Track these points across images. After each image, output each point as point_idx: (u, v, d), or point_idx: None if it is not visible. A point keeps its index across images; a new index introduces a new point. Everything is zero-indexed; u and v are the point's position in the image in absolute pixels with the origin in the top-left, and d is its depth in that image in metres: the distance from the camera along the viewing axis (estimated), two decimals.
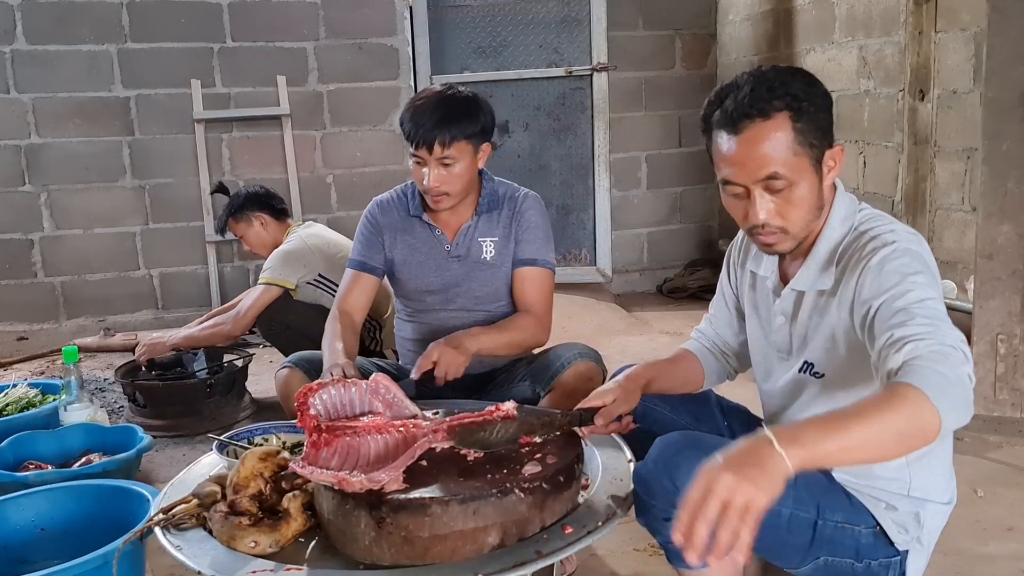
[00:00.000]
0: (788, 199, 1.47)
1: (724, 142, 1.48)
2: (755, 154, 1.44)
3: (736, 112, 1.45)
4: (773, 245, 1.54)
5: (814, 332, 1.58)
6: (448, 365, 2.06)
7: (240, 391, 3.47)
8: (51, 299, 4.73)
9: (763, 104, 1.44)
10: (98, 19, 4.56)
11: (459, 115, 2.14)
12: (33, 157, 4.60)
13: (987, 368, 2.94)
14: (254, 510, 1.50)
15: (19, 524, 2.02)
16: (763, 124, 1.44)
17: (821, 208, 1.53)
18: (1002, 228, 2.88)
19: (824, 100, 1.50)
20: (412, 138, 2.15)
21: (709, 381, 1.90)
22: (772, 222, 1.49)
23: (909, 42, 3.77)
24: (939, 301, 1.35)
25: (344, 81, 4.93)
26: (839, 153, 1.52)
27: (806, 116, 1.45)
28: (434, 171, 2.16)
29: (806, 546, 1.51)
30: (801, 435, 1.16)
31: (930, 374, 1.20)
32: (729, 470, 1.11)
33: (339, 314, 2.31)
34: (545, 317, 2.31)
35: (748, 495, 1.09)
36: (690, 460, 1.41)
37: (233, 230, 3.57)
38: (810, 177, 1.47)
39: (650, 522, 1.51)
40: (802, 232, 1.53)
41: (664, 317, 4.89)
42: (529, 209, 2.32)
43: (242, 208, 3.52)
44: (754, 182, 1.46)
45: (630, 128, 5.37)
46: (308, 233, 3.44)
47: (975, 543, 2.21)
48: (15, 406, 2.95)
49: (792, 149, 1.44)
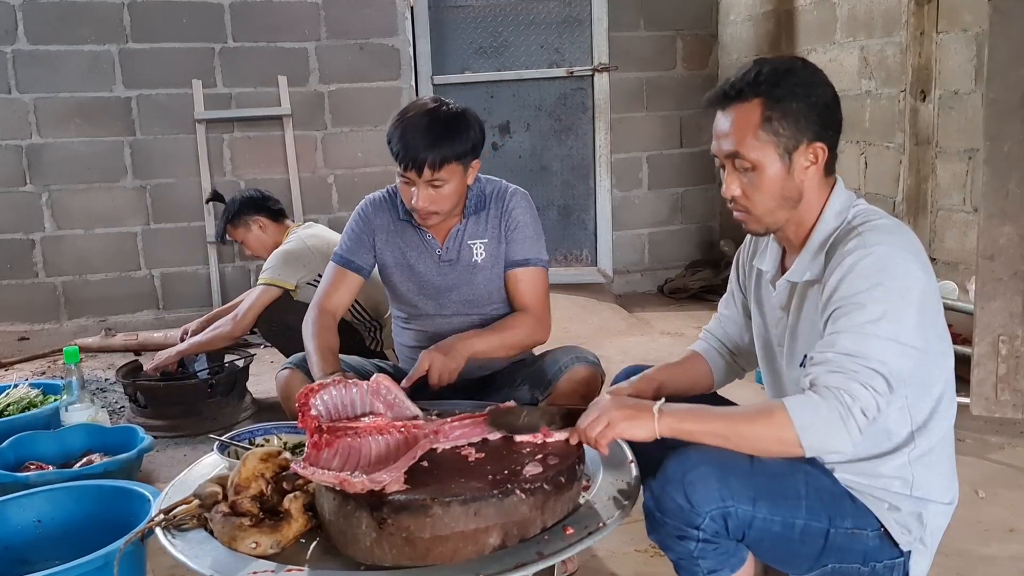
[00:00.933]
0: (753, 182, 1.55)
1: (715, 116, 1.60)
2: (724, 131, 1.56)
3: (722, 91, 1.57)
4: (744, 223, 1.63)
5: (806, 322, 1.61)
6: (440, 372, 2.05)
7: (241, 391, 3.47)
8: (52, 299, 4.73)
9: (744, 87, 1.53)
10: (99, 19, 4.56)
11: (449, 136, 2.07)
12: (34, 157, 4.60)
13: (988, 369, 2.93)
14: (255, 511, 1.50)
15: (20, 524, 2.02)
16: (738, 106, 1.54)
17: (794, 200, 1.57)
18: (1003, 229, 2.87)
19: (807, 94, 1.53)
20: (401, 160, 2.08)
21: (718, 381, 1.92)
22: (739, 200, 1.58)
23: (910, 43, 3.77)
24: (889, 320, 1.42)
25: (345, 81, 4.93)
26: (819, 149, 1.55)
27: (780, 105, 1.51)
28: (423, 192, 2.10)
29: (816, 555, 1.53)
30: (678, 411, 1.50)
31: (805, 407, 1.42)
32: (614, 402, 1.54)
33: (319, 313, 2.26)
34: (543, 315, 2.28)
35: (612, 421, 1.51)
36: (706, 478, 1.43)
37: (233, 236, 3.57)
38: (775, 165, 1.54)
39: (663, 539, 1.51)
40: (767, 217, 1.58)
41: (665, 318, 4.89)
42: (516, 208, 2.27)
43: (239, 213, 3.51)
44: (723, 157, 1.58)
45: (631, 128, 5.37)
46: (308, 234, 3.43)
47: (977, 544, 2.21)
48: (16, 406, 2.95)
49: (755, 133, 1.52)
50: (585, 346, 2.28)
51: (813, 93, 1.53)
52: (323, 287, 2.33)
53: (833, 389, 1.40)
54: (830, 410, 1.40)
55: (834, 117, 1.57)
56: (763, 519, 1.47)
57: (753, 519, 1.46)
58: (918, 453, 1.54)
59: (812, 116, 1.53)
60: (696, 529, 1.45)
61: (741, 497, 1.45)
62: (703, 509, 1.44)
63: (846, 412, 1.39)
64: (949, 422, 1.59)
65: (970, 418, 2.88)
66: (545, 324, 2.28)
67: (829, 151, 1.56)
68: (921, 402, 1.54)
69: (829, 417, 1.40)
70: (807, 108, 1.52)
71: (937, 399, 1.56)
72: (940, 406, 1.56)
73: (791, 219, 1.60)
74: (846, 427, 1.39)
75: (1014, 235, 2.87)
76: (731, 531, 1.46)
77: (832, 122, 1.56)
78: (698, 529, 1.45)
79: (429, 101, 2.14)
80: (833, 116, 1.56)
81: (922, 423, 1.54)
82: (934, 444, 1.56)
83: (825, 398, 1.41)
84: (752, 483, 1.47)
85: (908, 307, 1.44)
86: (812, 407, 1.41)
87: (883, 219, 1.54)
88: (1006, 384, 2.94)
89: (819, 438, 1.41)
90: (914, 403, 1.53)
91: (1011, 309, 2.90)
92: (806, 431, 1.40)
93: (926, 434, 1.55)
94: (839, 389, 1.40)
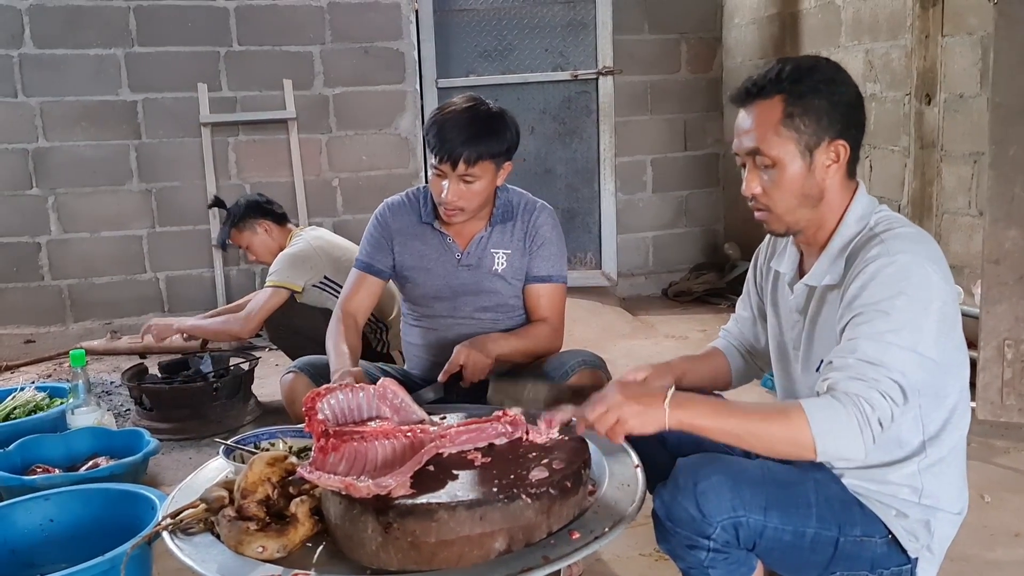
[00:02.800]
0: (775, 180, 1.54)
1: (737, 114, 1.59)
2: (746, 128, 1.55)
3: (744, 88, 1.56)
4: (765, 223, 1.61)
5: (823, 327, 1.59)
6: (474, 368, 2.12)
7: (246, 395, 3.48)
8: (58, 302, 4.74)
9: (766, 84, 1.53)
10: (105, 23, 4.58)
11: (487, 133, 2.14)
12: (40, 161, 4.61)
13: (994, 373, 2.93)
14: (262, 515, 1.50)
15: (27, 527, 2.03)
16: (760, 103, 1.53)
17: (815, 199, 1.55)
18: (1009, 233, 2.87)
19: (830, 91, 1.52)
20: (437, 152, 2.13)
21: (737, 381, 1.92)
22: (759, 198, 1.57)
23: (915, 46, 3.77)
24: (910, 330, 1.40)
25: (350, 85, 4.94)
26: (840, 147, 1.53)
27: (801, 101, 1.50)
28: (454, 186, 2.15)
29: (826, 563, 1.52)
30: (690, 404, 1.43)
31: (825, 411, 1.38)
32: (623, 395, 1.44)
33: (342, 315, 2.31)
34: (559, 327, 2.38)
35: (622, 417, 1.43)
36: (718, 488, 1.43)
37: (237, 241, 3.54)
38: (796, 162, 1.52)
39: (673, 548, 1.52)
40: (788, 216, 1.57)
41: (670, 321, 4.89)
42: (544, 224, 2.34)
43: (244, 218, 3.49)
44: (743, 154, 1.57)
45: (636, 132, 5.37)
46: (312, 236, 3.44)
47: (982, 549, 2.21)
48: (22, 409, 2.96)
49: (776, 130, 1.51)
50: (590, 349, 2.30)
51: (836, 91, 1.53)
52: (345, 291, 2.39)
53: (853, 396, 1.38)
54: (849, 417, 1.37)
55: (857, 116, 1.56)
56: (774, 528, 1.46)
57: (764, 528, 1.46)
58: (928, 463, 1.53)
59: (834, 114, 1.52)
60: (707, 539, 1.45)
61: (752, 507, 1.45)
62: (715, 519, 1.43)
63: (864, 421, 1.36)
64: (961, 433, 1.58)
65: (976, 422, 2.86)
66: (560, 336, 2.37)
67: (851, 151, 1.55)
68: (935, 412, 1.53)
69: (848, 424, 1.37)
70: (829, 105, 1.51)
71: (951, 410, 1.54)
72: (953, 417, 1.55)
73: (812, 220, 1.58)
74: (862, 436, 1.37)
75: (1019, 239, 2.87)
76: (742, 541, 1.46)
77: (855, 121, 1.55)
78: (709, 539, 1.45)
79: (469, 99, 2.20)
80: (856, 115, 1.55)
81: (934, 433, 1.53)
82: (945, 454, 1.55)
83: (845, 404, 1.37)
84: (763, 492, 1.47)
85: (929, 318, 1.42)
86: (832, 412, 1.38)
87: (907, 227, 1.53)
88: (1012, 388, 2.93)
89: (835, 444, 1.38)
90: (927, 413, 1.52)
91: (1016, 313, 2.90)
92: (823, 436, 1.37)
93: (938, 444, 1.54)
94: (859, 397, 1.37)
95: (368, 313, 2.40)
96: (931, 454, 1.53)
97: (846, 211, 1.57)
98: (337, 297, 3.18)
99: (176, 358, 3.70)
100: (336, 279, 3.30)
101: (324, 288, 3.32)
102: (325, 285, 3.33)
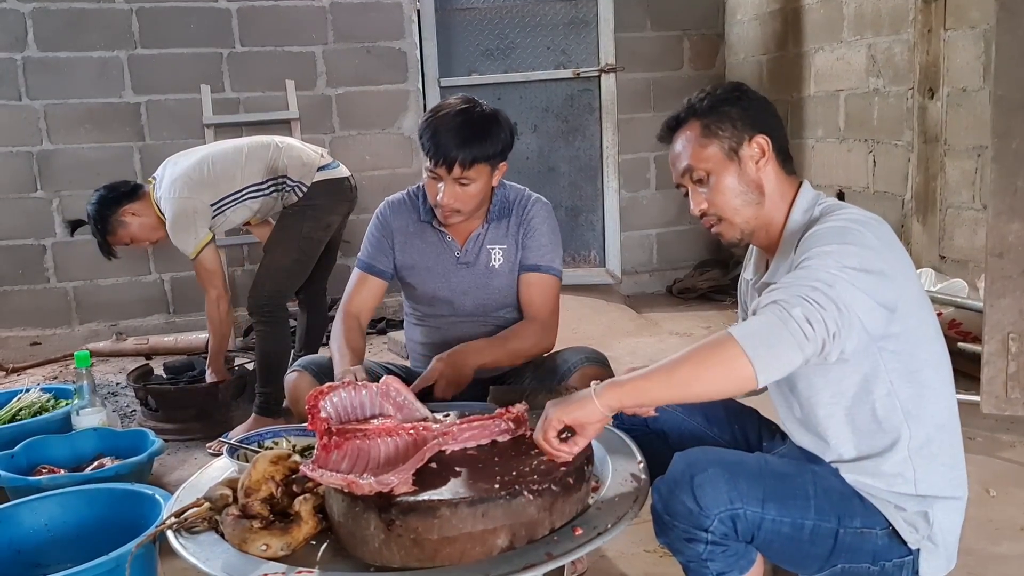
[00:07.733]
0: (714, 187, 1.61)
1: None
2: (675, 153, 1.67)
3: (664, 127, 1.71)
4: (720, 235, 1.66)
5: None
6: (449, 383, 2.11)
7: (250, 394, 3.48)
8: (63, 304, 4.76)
9: (681, 115, 1.67)
10: (108, 25, 4.59)
11: (482, 136, 2.12)
12: (45, 163, 4.62)
13: (998, 367, 2.92)
14: (265, 513, 1.50)
15: (32, 528, 2.04)
16: (681, 132, 1.66)
17: (756, 195, 1.61)
18: (1012, 226, 2.86)
19: (736, 99, 1.63)
20: (432, 156, 2.12)
21: None
22: (707, 211, 1.63)
23: (918, 40, 3.76)
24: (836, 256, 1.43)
25: (352, 85, 4.95)
26: (762, 140, 1.61)
27: (714, 113, 1.61)
28: (449, 188, 2.15)
29: (826, 555, 1.52)
30: (619, 382, 1.46)
31: (748, 325, 1.39)
32: (555, 408, 1.49)
33: (345, 316, 2.31)
34: (549, 323, 2.31)
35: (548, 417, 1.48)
36: (714, 480, 1.43)
37: (119, 242, 3.33)
38: (726, 164, 1.61)
39: (671, 542, 1.51)
40: (736, 218, 1.62)
41: (674, 318, 4.89)
42: (536, 216, 2.32)
43: (105, 219, 3.26)
44: (681, 178, 1.66)
45: (638, 129, 5.36)
46: (165, 190, 3.22)
47: (987, 543, 2.20)
48: (28, 411, 2.97)
49: (700, 143, 1.62)
50: (594, 347, 2.29)
51: (743, 97, 1.64)
52: (348, 292, 2.38)
53: (770, 305, 1.40)
54: (770, 323, 1.37)
55: (768, 112, 1.65)
56: (772, 520, 1.46)
57: (762, 521, 1.46)
58: (916, 444, 1.52)
59: (746, 116, 1.62)
60: (705, 532, 1.45)
61: (750, 499, 1.45)
62: (712, 511, 1.44)
63: (786, 316, 1.36)
64: (945, 410, 1.57)
65: (980, 416, 2.87)
66: (551, 332, 2.32)
67: (775, 143, 1.62)
68: (907, 386, 1.52)
69: (770, 327, 1.37)
70: (740, 110, 1.62)
71: (923, 383, 1.53)
72: (928, 391, 1.54)
73: (760, 219, 1.62)
74: (789, 331, 1.36)
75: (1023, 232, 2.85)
76: (740, 533, 1.46)
77: (767, 116, 1.64)
78: (707, 532, 1.45)
79: (462, 100, 2.18)
80: (767, 112, 1.64)
81: (911, 409, 1.52)
82: (932, 433, 1.54)
83: (763, 314, 1.39)
84: (761, 484, 1.47)
85: (862, 251, 1.44)
86: (754, 324, 1.39)
87: (853, 209, 1.56)
88: (1016, 382, 2.92)
89: (768, 352, 1.36)
90: (899, 388, 1.51)
91: (1021, 307, 2.89)
92: (757, 354, 1.35)
93: (920, 422, 1.53)
94: (775, 303, 1.39)
95: (371, 313, 2.40)
96: (916, 434, 1.52)
97: (791, 207, 1.63)
98: (239, 203, 3.24)
99: (181, 359, 3.72)
100: (221, 195, 3.21)
101: (221, 209, 3.22)
102: (220, 207, 3.22)
